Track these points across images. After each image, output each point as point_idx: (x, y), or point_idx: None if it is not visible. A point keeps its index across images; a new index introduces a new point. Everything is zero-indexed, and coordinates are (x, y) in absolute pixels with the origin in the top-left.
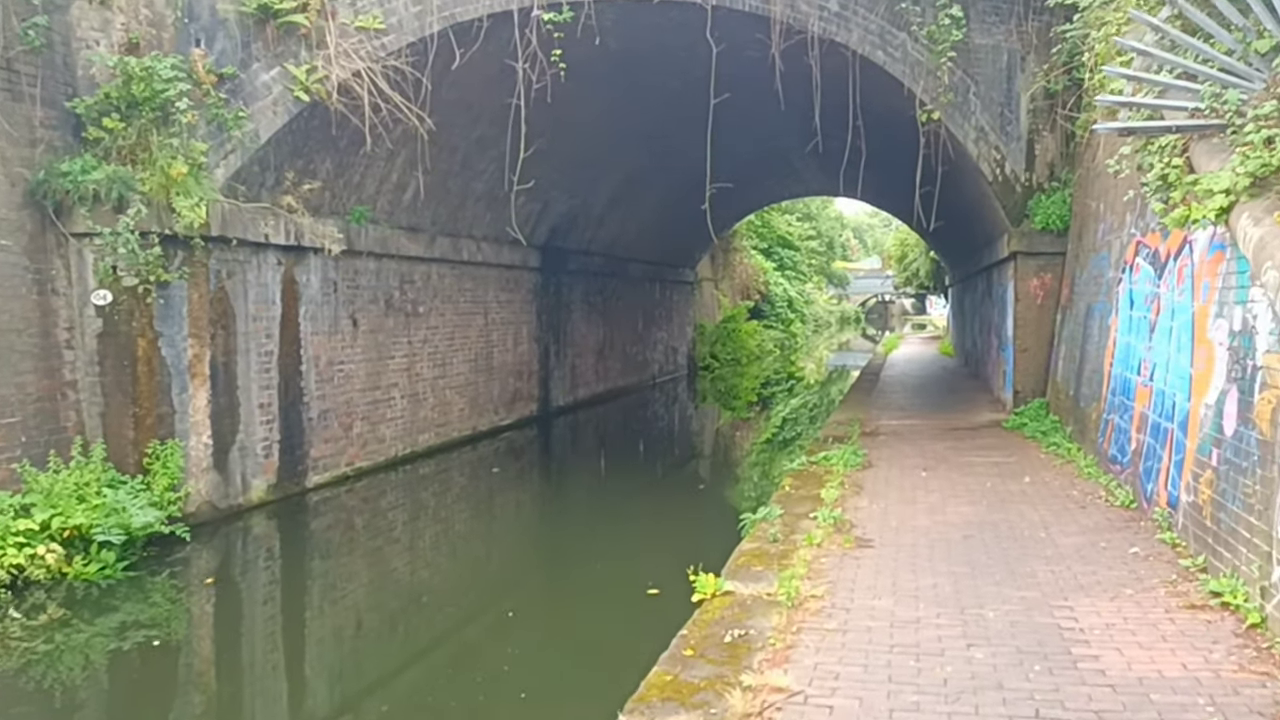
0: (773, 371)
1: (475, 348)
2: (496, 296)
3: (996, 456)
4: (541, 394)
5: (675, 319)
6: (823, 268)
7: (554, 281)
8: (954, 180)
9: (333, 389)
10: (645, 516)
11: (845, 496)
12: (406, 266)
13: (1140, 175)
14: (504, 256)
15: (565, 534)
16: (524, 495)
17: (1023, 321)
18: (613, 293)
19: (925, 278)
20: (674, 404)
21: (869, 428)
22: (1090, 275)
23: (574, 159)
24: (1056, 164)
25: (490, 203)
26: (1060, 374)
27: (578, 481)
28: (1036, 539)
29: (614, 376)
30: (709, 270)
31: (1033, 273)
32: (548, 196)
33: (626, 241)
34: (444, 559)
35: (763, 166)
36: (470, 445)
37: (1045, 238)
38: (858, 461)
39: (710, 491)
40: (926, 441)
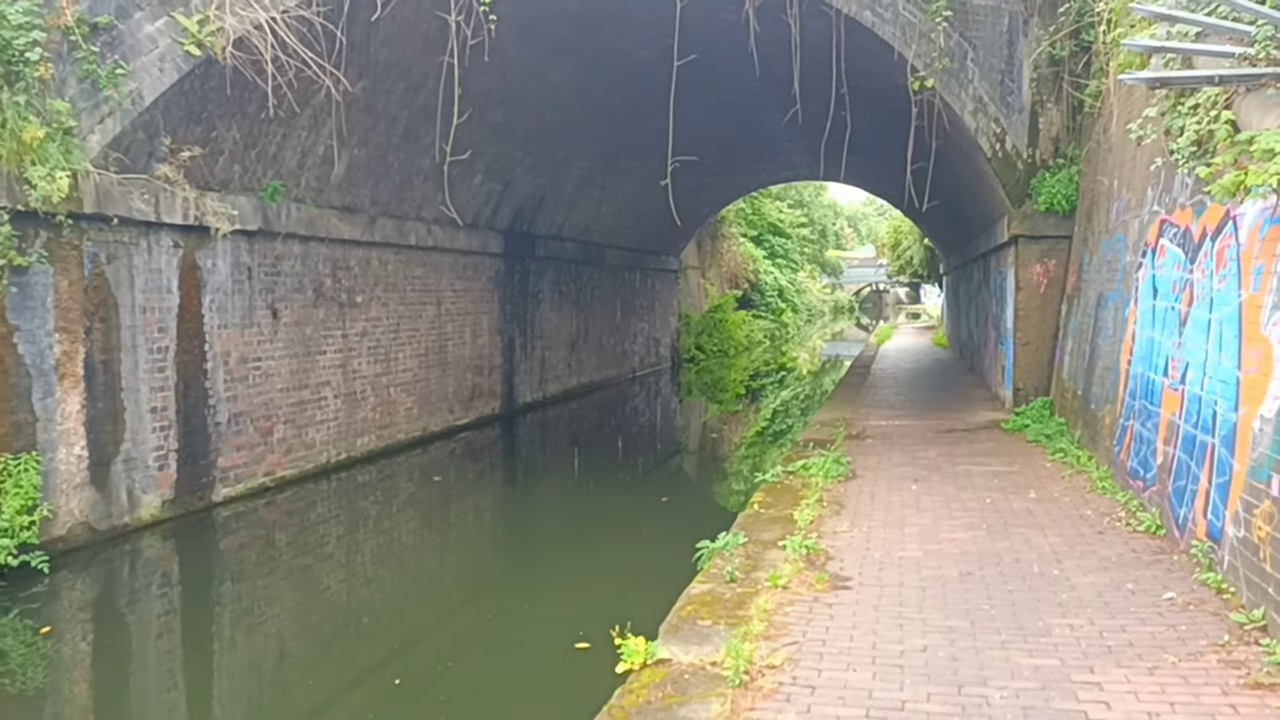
0: (762, 363)
1: (426, 341)
2: (451, 285)
3: (996, 464)
4: (505, 390)
5: (658, 309)
6: (816, 256)
7: (520, 268)
8: (949, 157)
9: (247, 389)
10: (604, 534)
11: (822, 518)
12: (340, 251)
13: (1168, 140)
14: (460, 241)
15: (499, 560)
16: (470, 507)
17: (1024, 312)
18: (587, 281)
19: (919, 266)
20: (655, 398)
21: (855, 429)
22: (1102, 260)
23: (538, 135)
24: (1062, 138)
25: (441, 182)
26: (1066, 371)
27: (537, 488)
28: (1049, 577)
29: (589, 370)
30: (695, 258)
31: (1035, 258)
32: (509, 176)
33: (603, 227)
34: (340, 598)
35: (748, 149)
36: (420, 448)
37: (1050, 220)
38: (840, 472)
39: (685, 500)
40: (918, 446)
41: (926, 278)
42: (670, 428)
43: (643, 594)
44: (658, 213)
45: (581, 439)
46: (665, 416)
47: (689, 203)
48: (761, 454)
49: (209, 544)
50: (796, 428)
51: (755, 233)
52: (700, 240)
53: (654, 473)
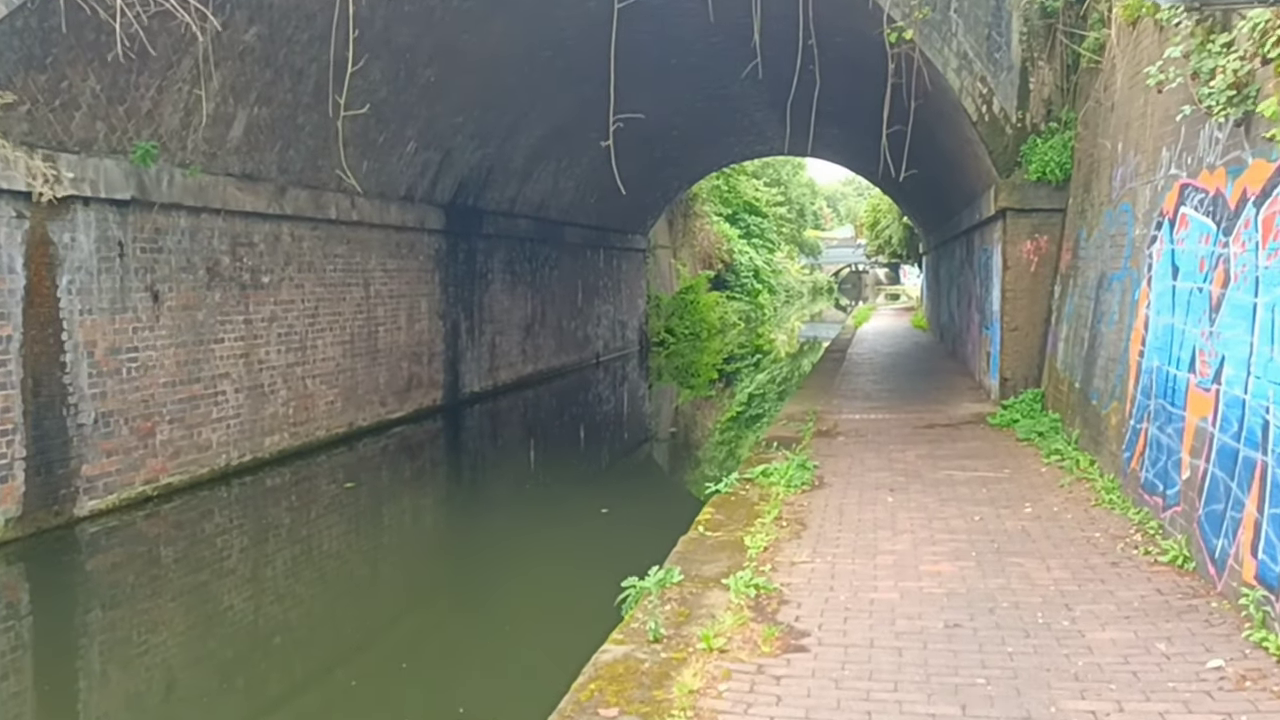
0: (737, 346)
1: (352, 326)
2: (382, 264)
3: (984, 468)
4: (449, 379)
5: (624, 290)
6: (793, 236)
7: (465, 247)
8: (930, 123)
9: (119, 385)
10: (523, 561)
11: (779, 542)
12: (242, 225)
13: (1195, 85)
14: (392, 216)
15: (381, 605)
16: (376, 522)
17: (1012, 294)
18: (545, 260)
19: (898, 246)
20: (621, 385)
21: (826, 424)
22: (1103, 235)
23: (479, 98)
24: (1055, 100)
25: (367, 148)
26: (1061, 360)
27: (464, 496)
28: (1057, 631)
29: (547, 356)
30: (666, 237)
31: (1025, 234)
32: (449, 144)
33: (561, 203)
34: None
35: (716, 119)
36: (345, 446)
37: (1041, 191)
38: (805, 480)
39: (630, 510)
40: (895, 445)
41: (906, 258)
42: (634, 417)
43: (550, 651)
44: (626, 186)
45: (532, 432)
46: (630, 404)
47: (656, 177)
48: (731, 444)
49: (70, 566)
50: (772, 411)
51: (730, 211)
52: (671, 218)
53: (606, 471)
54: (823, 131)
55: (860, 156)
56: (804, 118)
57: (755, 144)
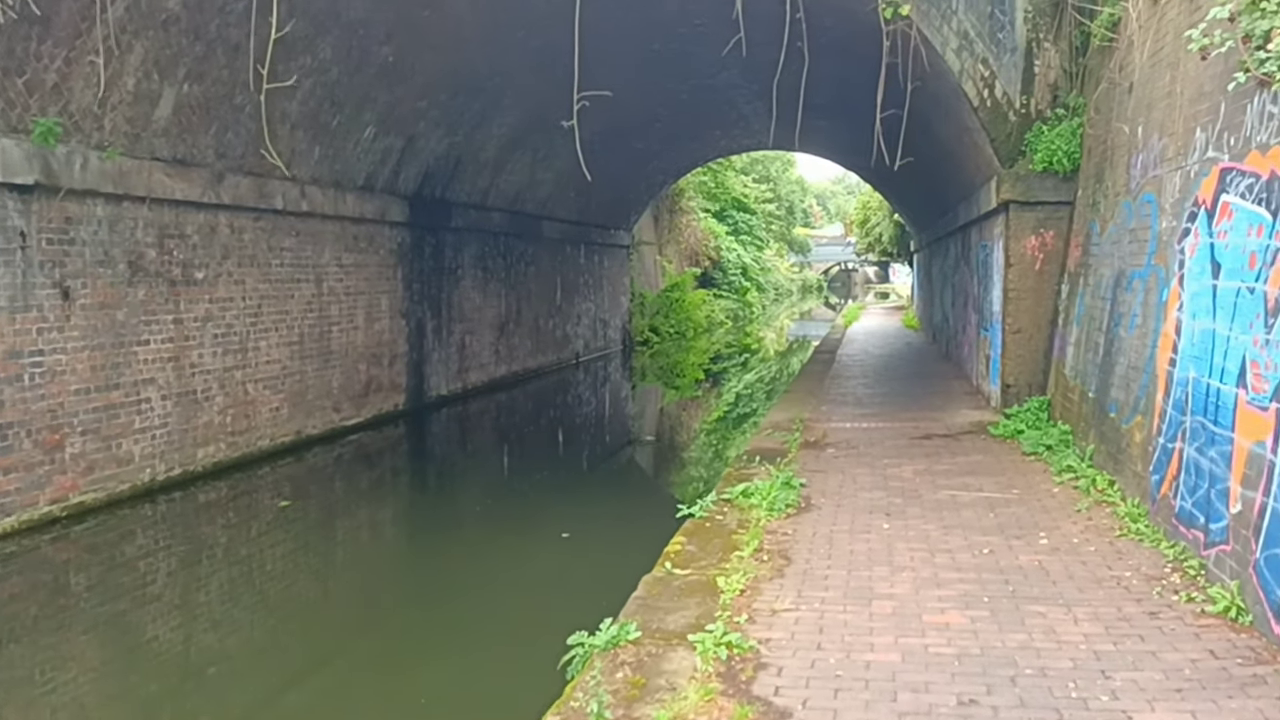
0: (724, 345)
1: (301, 326)
2: (337, 258)
3: (990, 488)
4: (413, 382)
5: (606, 287)
6: (783, 234)
7: (432, 240)
8: (926, 112)
9: (20, 392)
10: (480, 593)
11: (758, 582)
12: (171, 215)
13: (1246, 50)
14: (348, 206)
15: (291, 658)
16: (305, 548)
17: (1015, 294)
18: (520, 256)
19: (889, 244)
20: (602, 386)
21: (814, 433)
22: (1120, 229)
23: (444, 81)
24: (1061, 85)
25: (319, 133)
26: (1071, 366)
27: (412, 516)
28: (1097, 712)
29: (522, 357)
30: (651, 233)
31: (1030, 229)
32: (411, 130)
33: (538, 196)
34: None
35: (701, 110)
36: (293, 456)
37: (1047, 182)
38: (789, 500)
39: (595, 533)
40: (889, 459)
41: (896, 255)
42: (613, 421)
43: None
44: (604, 182)
45: (502, 439)
46: (610, 407)
47: (639, 171)
48: (715, 450)
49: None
50: (760, 413)
51: (718, 207)
52: (657, 214)
53: (576, 483)
54: (811, 124)
55: (851, 151)
56: (791, 105)
57: (742, 137)
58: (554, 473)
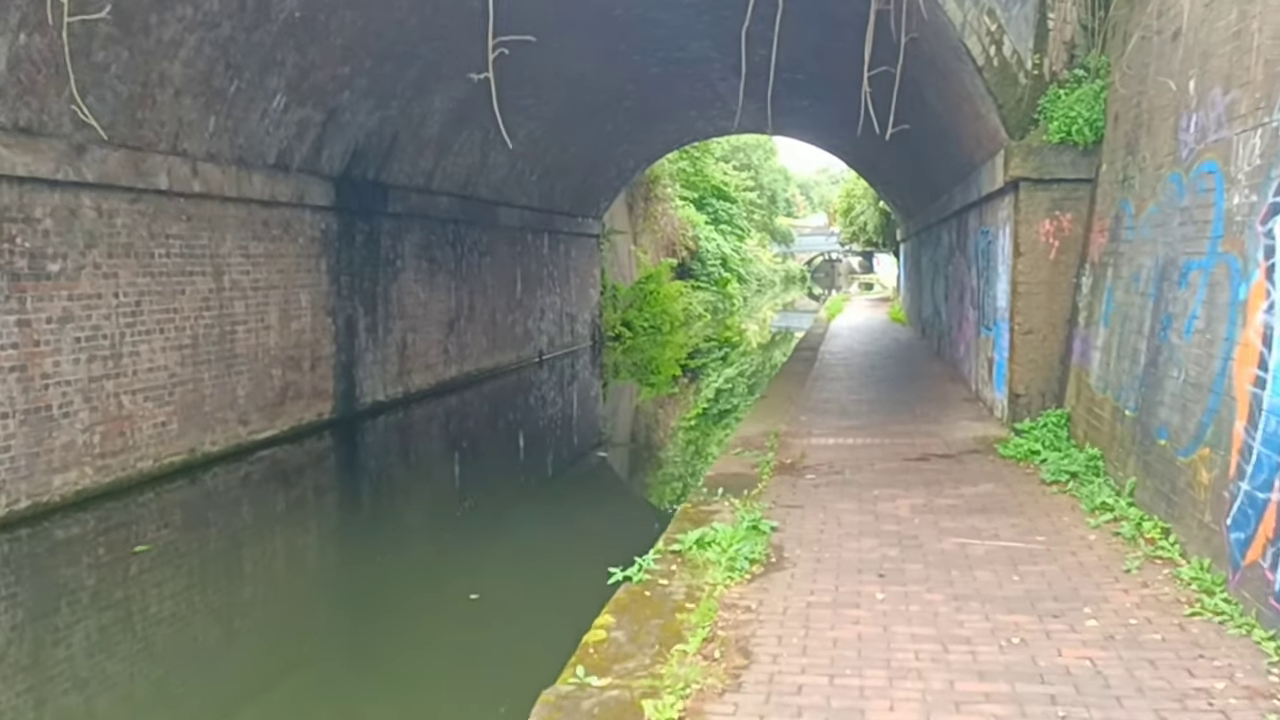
0: (703, 339)
1: (195, 327)
2: (243, 247)
3: (1008, 531)
4: (341, 387)
5: (573, 280)
6: (765, 223)
7: (365, 227)
8: (919, 79)
9: None
10: (336, 705)
11: (703, 705)
12: (12, 195)
13: None
14: (255, 187)
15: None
16: (174, 600)
17: (1026, 288)
18: (474, 245)
19: (874, 233)
20: (569, 385)
21: (791, 452)
22: (1167, 208)
23: (369, 45)
24: (1079, 43)
25: (212, 100)
26: (1098, 376)
27: (312, 554)
28: None
29: (476, 356)
30: (625, 222)
31: (1043, 211)
32: (333, 101)
33: (493, 179)
34: None
35: (673, 88)
36: (186, 478)
37: (1065, 155)
38: (756, 552)
39: (540, 573)
40: (881, 489)
41: (881, 245)
42: (576, 424)
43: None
44: (569, 166)
45: (443, 450)
46: (576, 408)
47: (608, 154)
48: (686, 461)
49: None
50: (741, 409)
51: (697, 195)
52: (631, 202)
53: (516, 510)
54: (792, 104)
55: (834, 133)
56: (767, 81)
57: (719, 119)
58: (492, 494)
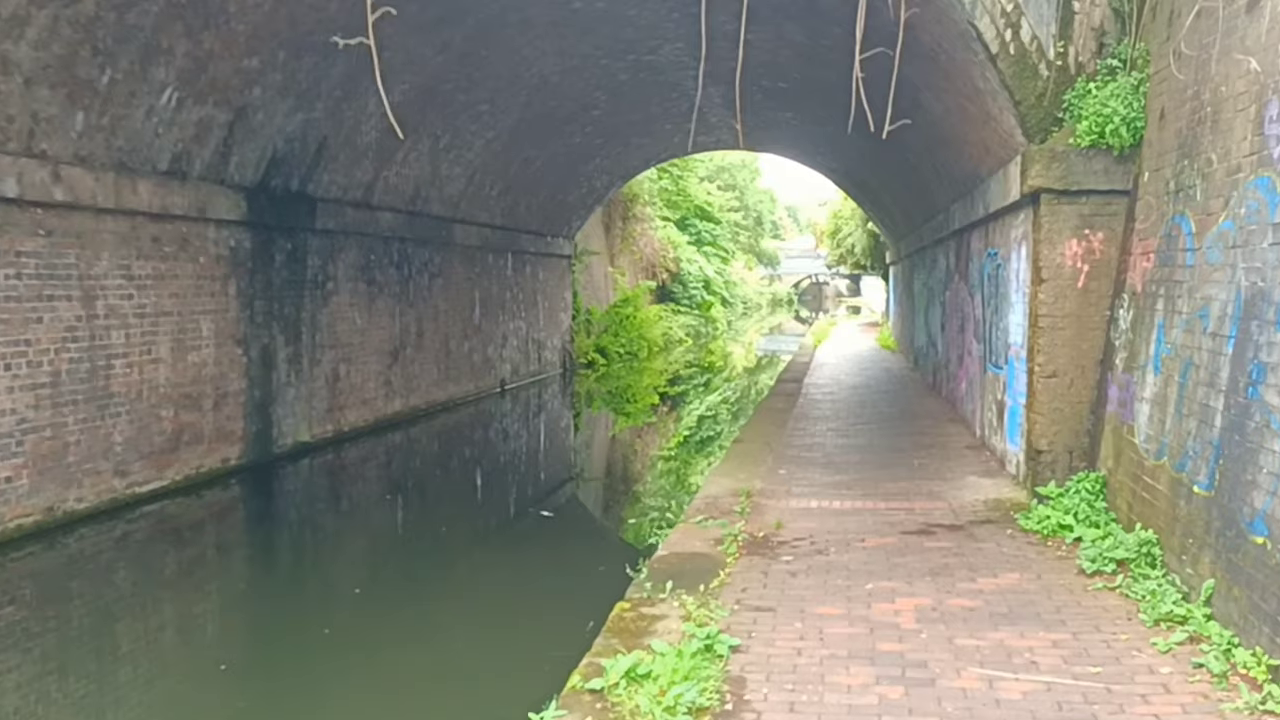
0: (684, 364)
1: (55, 362)
2: (124, 268)
3: (1051, 656)
4: (255, 428)
5: (541, 303)
6: (751, 245)
7: (286, 245)
8: (913, 79)
9: None
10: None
11: None
12: None
13: None
14: (141, 198)
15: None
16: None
17: (1049, 321)
18: (424, 266)
19: (862, 255)
20: (536, 417)
21: (765, 519)
22: (1246, 222)
23: (280, 35)
24: (1109, 30)
25: (78, 92)
26: (1146, 434)
27: (237, 618)
28: None
29: (426, 388)
30: (601, 242)
31: (1069, 229)
32: (243, 99)
33: (447, 193)
34: None
35: (649, 101)
36: (43, 543)
37: (1096, 162)
38: (705, 699)
39: (443, 696)
40: (876, 579)
41: (870, 268)
42: (558, 454)
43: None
44: (535, 181)
45: (374, 499)
46: (543, 442)
47: (579, 169)
48: (650, 514)
49: None
50: (725, 437)
51: (679, 216)
52: (607, 221)
53: (456, 573)
54: (774, 117)
55: (820, 149)
56: (748, 91)
57: (698, 134)
58: (418, 557)
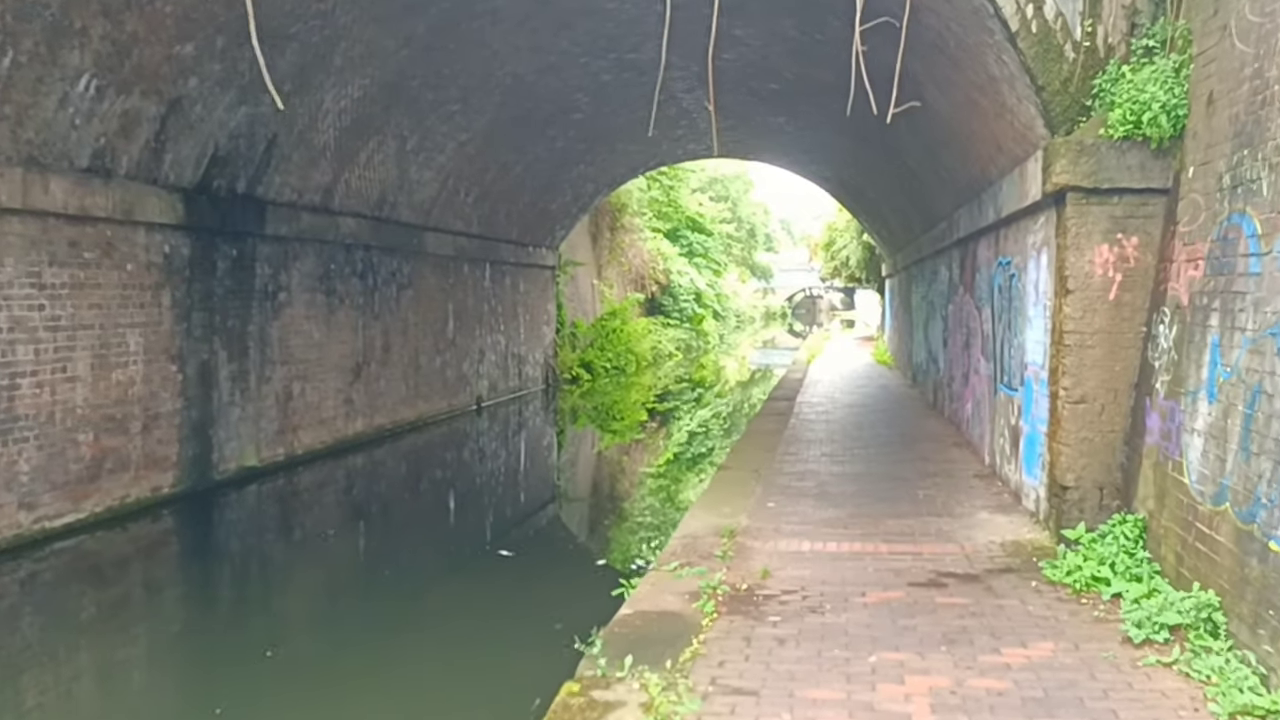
0: (673, 379)
1: None
2: (33, 275)
3: None
4: (190, 453)
5: (522, 316)
6: (744, 258)
7: (231, 252)
8: (916, 73)
9: None
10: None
11: None
12: None
13: None
14: (55, 198)
15: None
16: None
17: (1077, 339)
18: (390, 276)
19: (856, 267)
20: (514, 436)
21: (749, 567)
22: None
23: (215, 19)
24: (1141, 8)
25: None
26: (1201, 473)
27: (163, 669)
28: None
29: (393, 406)
30: (588, 253)
31: (1100, 232)
32: (177, 89)
33: (418, 199)
34: None
35: (635, 104)
36: None
37: (1131, 156)
38: None
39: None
40: (882, 655)
41: (865, 280)
42: (536, 476)
43: None
44: (515, 187)
45: (318, 535)
46: (533, 459)
47: (562, 176)
48: (641, 541)
49: None
50: (717, 453)
51: (670, 227)
52: (595, 231)
53: (389, 646)
54: (766, 122)
55: (815, 157)
56: (736, 93)
57: (687, 140)
58: (337, 618)
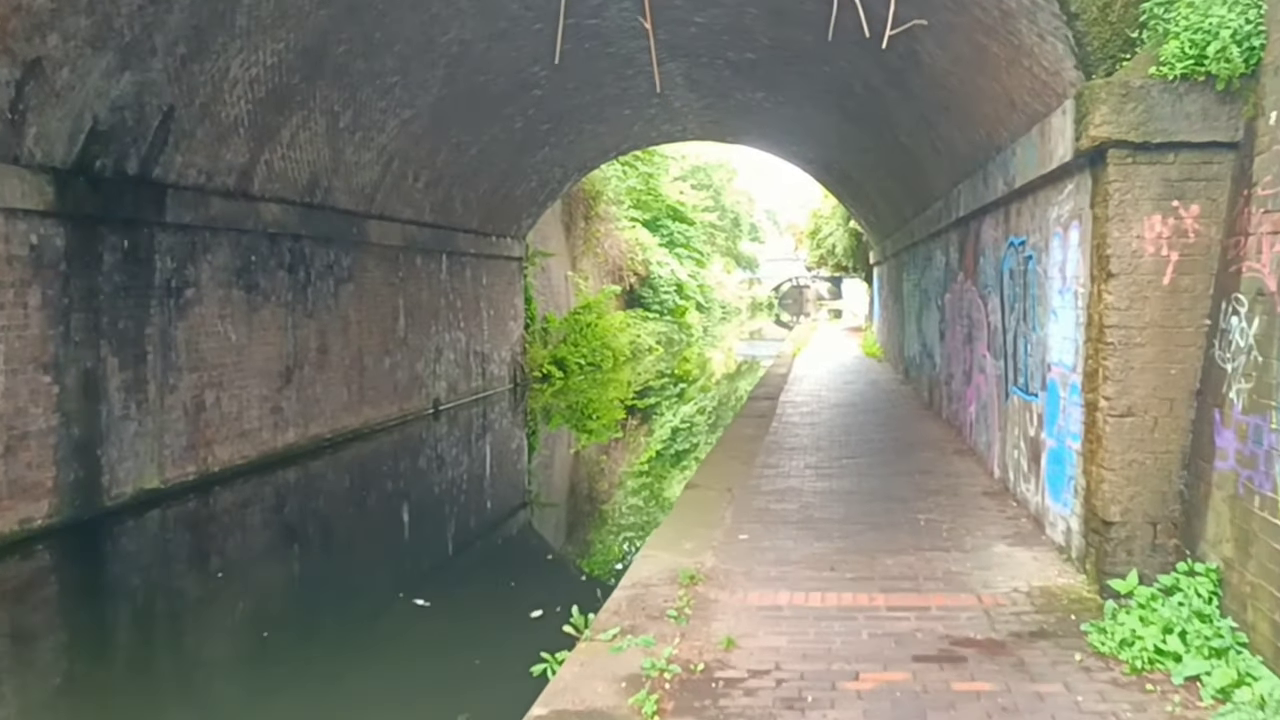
0: (654, 375)
1: None
2: None
3: None
4: (71, 477)
5: (485, 311)
6: (728, 248)
7: (121, 244)
8: (914, 11)
9: None
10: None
11: None
12: None
13: None
14: None
15: None
16: None
17: (1122, 334)
18: (325, 269)
19: (843, 256)
20: (479, 440)
21: (708, 634)
22: None
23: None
24: None
25: None
26: None
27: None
28: None
29: (331, 413)
30: (561, 244)
31: (1151, 199)
32: (35, 50)
33: (357, 183)
34: None
35: (601, 82)
36: None
37: (1191, 101)
38: None
39: None
40: None
41: (852, 269)
42: (500, 484)
43: None
44: (472, 170)
45: (213, 573)
46: (499, 465)
47: (526, 160)
48: (604, 572)
49: None
50: (697, 454)
51: (650, 216)
52: (568, 220)
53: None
54: (744, 98)
55: (797, 137)
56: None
57: (660, 120)
58: (209, 682)
